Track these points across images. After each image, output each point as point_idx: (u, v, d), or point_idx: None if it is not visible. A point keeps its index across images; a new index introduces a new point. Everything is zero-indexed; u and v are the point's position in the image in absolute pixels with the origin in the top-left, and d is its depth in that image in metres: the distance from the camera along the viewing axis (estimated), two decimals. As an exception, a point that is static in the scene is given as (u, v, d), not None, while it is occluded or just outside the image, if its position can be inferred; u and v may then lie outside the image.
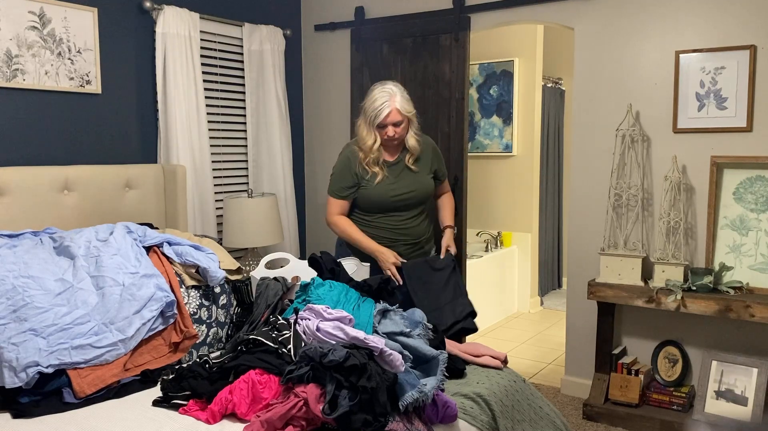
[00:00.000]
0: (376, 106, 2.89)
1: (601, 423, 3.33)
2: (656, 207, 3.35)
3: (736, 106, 3.10)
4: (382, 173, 3.01)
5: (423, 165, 3.11)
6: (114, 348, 2.19)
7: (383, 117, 2.88)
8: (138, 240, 2.55)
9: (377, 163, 3.01)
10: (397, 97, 2.90)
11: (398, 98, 2.90)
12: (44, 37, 2.99)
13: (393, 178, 3.04)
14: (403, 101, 2.93)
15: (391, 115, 2.88)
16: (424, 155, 3.10)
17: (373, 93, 2.94)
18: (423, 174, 3.11)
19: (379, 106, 2.88)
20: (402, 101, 2.92)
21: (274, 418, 1.77)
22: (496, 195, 5.63)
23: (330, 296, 2.32)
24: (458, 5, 3.76)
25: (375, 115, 2.89)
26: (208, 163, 3.69)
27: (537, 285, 5.80)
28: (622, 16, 3.35)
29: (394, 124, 2.91)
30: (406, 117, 2.94)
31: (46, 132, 3.06)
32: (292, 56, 4.37)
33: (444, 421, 1.96)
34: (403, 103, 2.92)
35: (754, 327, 3.17)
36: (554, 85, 5.98)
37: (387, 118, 2.88)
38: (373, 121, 2.91)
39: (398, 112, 2.89)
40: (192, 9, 3.59)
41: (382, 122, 2.89)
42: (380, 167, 3.01)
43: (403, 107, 2.91)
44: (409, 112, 2.96)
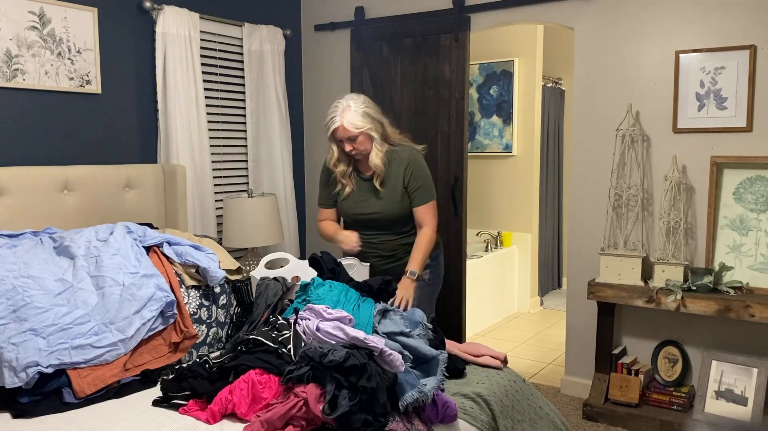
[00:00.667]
0: (327, 121, 2.75)
1: (601, 423, 3.33)
2: (656, 207, 3.35)
3: (736, 106, 3.10)
4: (349, 187, 2.86)
5: (392, 185, 2.81)
6: (114, 348, 2.19)
7: (331, 132, 2.74)
8: (138, 240, 2.55)
9: (345, 176, 2.86)
10: (347, 112, 2.69)
11: (349, 113, 2.69)
12: (44, 37, 2.99)
13: (362, 195, 2.86)
14: (355, 116, 2.69)
15: (338, 131, 2.71)
16: (393, 173, 2.80)
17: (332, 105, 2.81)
18: (390, 195, 2.81)
19: (329, 122, 2.74)
20: (353, 116, 2.68)
21: (274, 418, 1.77)
22: (496, 195, 5.63)
23: (330, 296, 2.32)
24: (458, 5, 3.76)
25: (327, 129, 2.76)
26: (208, 163, 3.69)
27: (537, 285, 5.80)
28: (622, 16, 3.35)
29: (349, 139, 2.72)
30: (358, 132, 2.70)
31: (46, 132, 3.06)
32: (292, 56, 4.37)
33: (444, 421, 1.96)
34: (351, 119, 2.68)
35: (754, 327, 3.17)
36: (554, 85, 5.98)
37: (335, 133, 2.73)
38: (329, 136, 2.79)
39: (344, 128, 2.68)
40: (192, 9, 3.59)
41: (336, 137, 2.75)
42: (349, 180, 2.86)
43: (351, 123, 2.67)
44: (360, 128, 2.69)
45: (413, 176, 2.80)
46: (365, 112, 2.73)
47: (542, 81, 5.57)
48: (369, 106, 2.77)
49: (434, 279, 2.95)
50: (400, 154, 2.82)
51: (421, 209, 2.82)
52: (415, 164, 2.81)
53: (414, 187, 2.80)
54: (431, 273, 2.92)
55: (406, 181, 2.80)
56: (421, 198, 2.81)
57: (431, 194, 2.84)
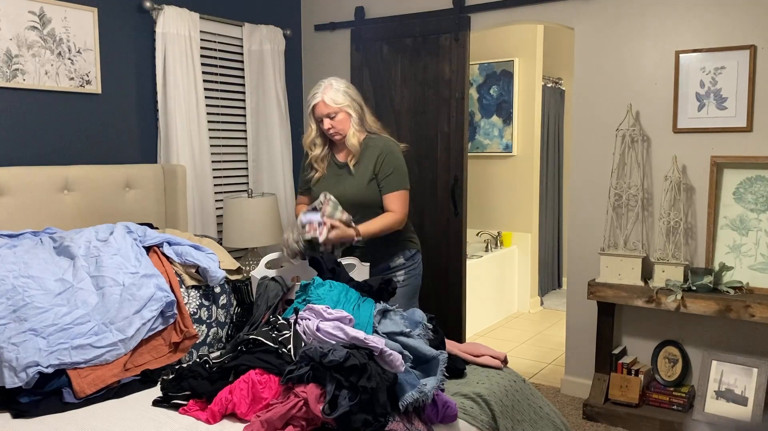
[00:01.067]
0: (308, 98, 2.82)
1: (601, 423, 3.33)
2: (656, 207, 3.35)
3: (736, 106, 3.10)
4: (320, 172, 2.86)
5: (363, 170, 2.80)
6: (114, 348, 2.19)
7: (311, 108, 2.79)
8: (138, 240, 2.55)
9: (319, 160, 2.86)
10: (329, 90, 2.74)
11: (330, 90, 2.74)
12: (44, 37, 2.99)
13: (332, 179, 2.84)
14: (336, 94, 2.73)
15: (318, 106, 2.75)
16: (366, 158, 2.79)
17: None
18: (359, 179, 2.79)
19: (310, 98, 2.79)
20: (333, 93, 2.73)
21: (274, 418, 1.77)
22: (496, 195, 5.63)
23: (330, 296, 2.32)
24: (458, 5, 3.76)
25: (308, 105, 2.82)
26: (208, 163, 3.69)
27: (537, 285, 5.80)
28: (622, 16, 3.35)
29: (328, 116, 2.75)
30: (338, 109, 2.74)
31: (46, 132, 3.06)
32: (292, 56, 4.37)
33: (444, 421, 1.96)
34: (333, 95, 2.73)
35: (754, 327, 3.17)
36: (554, 85, 5.98)
37: (315, 109, 2.77)
38: (309, 113, 2.83)
39: (324, 104, 2.73)
40: (192, 9, 3.59)
41: (315, 114, 2.79)
42: (321, 165, 2.86)
43: (332, 99, 2.73)
44: (340, 104, 2.73)
45: (385, 163, 2.78)
46: (346, 91, 2.78)
47: (542, 81, 5.57)
48: (350, 89, 2.82)
49: (409, 280, 2.88)
50: (376, 141, 2.82)
51: (389, 196, 2.78)
52: (389, 152, 2.80)
53: (384, 173, 2.78)
54: (406, 274, 2.87)
55: (377, 168, 2.78)
56: (391, 185, 2.78)
57: (402, 184, 2.80)
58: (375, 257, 2.83)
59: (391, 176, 2.78)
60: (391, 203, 2.79)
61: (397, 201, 2.78)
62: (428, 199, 3.96)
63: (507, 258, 5.51)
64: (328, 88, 2.76)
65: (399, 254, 2.88)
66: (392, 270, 2.86)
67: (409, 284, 2.89)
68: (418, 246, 2.98)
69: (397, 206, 2.78)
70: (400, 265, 2.87)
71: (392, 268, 2.87)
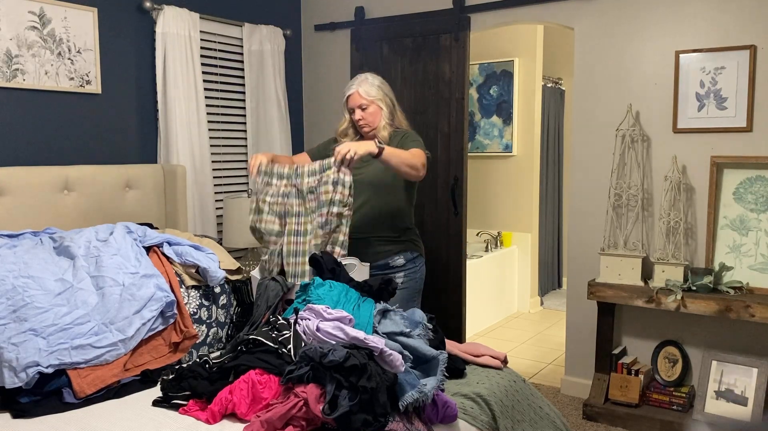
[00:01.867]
0: (345, 89, 2.94)
1: (601, 423, 3.33)
2: (656, 207, 3.35)
3: (736, 106, 3.10)
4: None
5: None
6: (114, 348, 2.19)
7: (346, 98, 2.91)
8: (138, 241, 2.55)
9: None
10: (364, 83, 2.88)
11: (366, 84, 2.88)
12: (44, 37, 2.99)
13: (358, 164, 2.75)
14: (370, 87, 2.87)
15: (352, 97, 2.88)
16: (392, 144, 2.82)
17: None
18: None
19: (346, 89, 2.92)
20: (368, 87, 2.87)
21: (274, 418, 1.77)
22: (496, 195, 5.63)
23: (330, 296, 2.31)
24: (458, 5, 3.76)
25: (344, 96, 2.93)
26: (208, 163, 3.69)
27: (537, 285, 5.80)
28: (622, 16, 3.35)
29: (360, 107, 2.86)
30: (370, 101, 2.85)
31: (46, 132, 3.06)
32: (292, 56, 4.37)
33: (444, 421, 1.96)
34: (367, 88, 2.86)
35: (754, 327, 3.17)
36: (554, 85, 5.98)
37: (349, 99, 2.89)
38: (344, 104, 2.95)
39: (359, 95, 2.85)
40: (192, 9, 3.59)
41: (349, 105, 2.91)
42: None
43: (366, 92, 2.85)
44: (373, 97, 2.85)
45: (403, 138, 2.86)
46: (380, 86, 2.91)
47: (542, 81, 5.57)
48: (384, 85, 2.94)
49: (408, 283, 2.89)
50: (402, 131, 2.94)
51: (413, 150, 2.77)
52: (410, 133, 2.93)
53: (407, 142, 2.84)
54: (405, 276, 2.87)
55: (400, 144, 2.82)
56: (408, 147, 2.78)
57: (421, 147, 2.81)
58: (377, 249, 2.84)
59: (410, 143, 2.83)
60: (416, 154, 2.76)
61: (421, 157, 2.76)
62: (428, 199, 3.96)
63: (507, 258, 5.51)
64: (364, 81, 2.89)
65: (400, 253, 2.88)
66: (392, 270, 2.86)
67: (407, 287, 2.88)
68: (421, 250, 2.99)
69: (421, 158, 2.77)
70: (400, 266, 2.88)
71: (392, 267, 2.87)
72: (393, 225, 2.88)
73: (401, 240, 2.90)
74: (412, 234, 2.97)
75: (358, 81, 2.91)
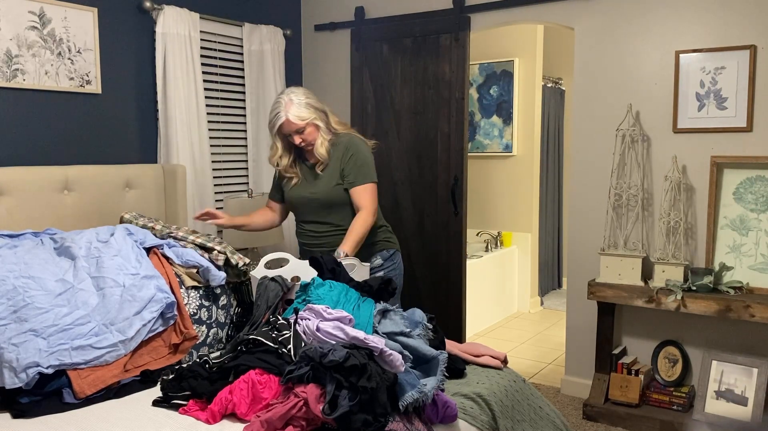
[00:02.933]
0: (270, 117, 2.81)
1: (601, 423, 3.33)
2: (656, 207, 3.35)
3: (736, 106, 3.10)
4: (296, 178, 2.88)
5: (331, 169, 2.83)
6: (114, 349, 2.19)
7: (277, 129, 2.79)
8: (138, 242, 2.55)
9: (290, 168, 2.89)
10: (291, 106, 2.74)
11: (292, 107, 2.73)
12: (44, 37, 2.99)
13: (305, 180, 2.87)
14: (299, 108, 2.74)
15: (285, 125, 2.75)
16: (333, 158, 2.83)
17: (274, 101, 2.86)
18: (327, 178, 2.83)
19: (273, 118, 2.79)
20: (297, 109, 2.73)
21: (274, 418, 1.77)
22: (496, 195, 5.63)
23: (330, 296, 2.31)
24: (458, 5, 3.76)
25: (272, 125, 2.81)
26: (208, 163, 3.69)
27: (537, 285, 5.80)
28: (622, 16, 3.35)
29: (297, 132, 2.77)
30: (305, 124, 2.75)
31: (46, 132, 3.06)
32: (292, 56, 4.37)
33: (444, 421, 1.96)
34: (297, 111, 2.73)
35: (754, 327, 3.17)
36: (554, 85, 5.98)
37: (282, 128, 2.77)
38: (274, 133, 2.83)
39: (290, 122, 2.74)
40: (192, 9, 3.59)
41: (283, 132, 2.79)
42: (295, 171, 2.89)
43: (297, 116, 2.73)
44: (306, 119, 2.74)
45: (350, 159, 2.80)
46: (307, 103, 2.78)
47: (542, 81, 5.57)
48: (310, 97, 2.82)
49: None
50: (341, 139, 2.85)
51: (357, 190, 2.79)
52: (354, 148, 2.82)
53: (349, 169, 2.79)
54: (386, 274, 2.87)
55: (342, 164, 2.80)
56: (357, 178, 2.79)
57: (369, 177, 2.81)
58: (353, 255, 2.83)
59: (356, 171, 2.79)
60: (359, 198, 2.79)
61: (365, 194, 2.79)
62: (428, 199, 3.96)
63: (507, 258, 5.51)
64: (290, 104, 2.75)
65: (376, 255, 2.90)
66: (372, 271, 2.85)
67: None
68: (396, 246, 2.99)
69: (365, 200, 2.78)
70: (379, 266, 2.89)
71: (371, 269, 2.86)
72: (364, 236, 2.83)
73: (374, 242, 2.90)
74: (384, 233, 2.96)
75: (284, 105, 2.75)
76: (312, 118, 2.77)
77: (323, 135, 2.81)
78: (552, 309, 5.73)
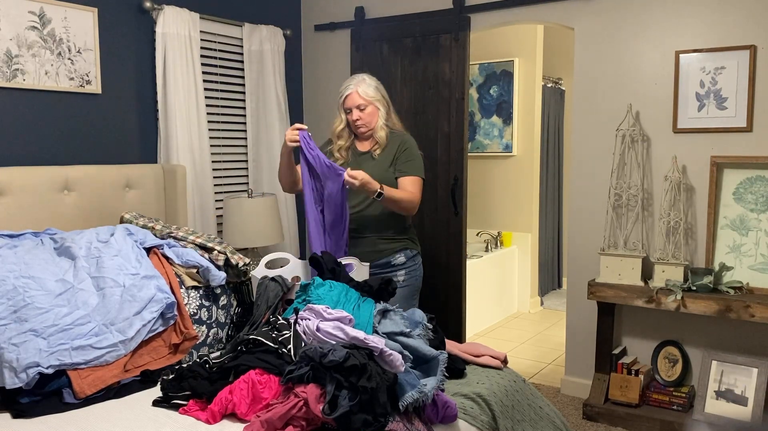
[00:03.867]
0: (341, 90, 2.95)
1: (601, 423, 3.33)
2: (656, 207, 3.35)
3: (736, 106, 3.10)
4: (344, 159, 2.96)
5: (385, 156, 2.93)
6: (114, 349, 2.19)
7: (343, 99, 2.91)
8: (138, 242, 2.55)
9: (342, 150, 2.98)
10: (362, 83, 2.90)
11: (363, 84, 2.90)
12: (44, 37, 2.99)
13: (354, 165, 2.92)
14: (368, 87, 2.89)
15: (350, 96, 2.88)
16: (388, 148, 2.94)
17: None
18: (382, 164, 2.91)
19: (343, 89, 2.93)
20: (366, 87, 2.89)
21: (274, 418, 1.77)
22: (496, 195, 5.63)
23: (330, 296, 2.32)
24: (458, 5, 3.76)
25: (340, 96, 2.94)
26: (208, 163, 3.69)
27: (537, 285, 5.80)
28: (622, 16, 3.35)
29: (358, 108, 2.89)
30: (368, 102, 2.88)
31: (46, 132, 3.06)
32: (292, 56, 4.37)
33: (444, 421, 1.96)
34: (365, 89, 2.88)
35: (754, 327, 3.17)
36: (554, 85, 5.98)
37: (347, 99, 2.90)
38: (340, 104, 2.95)
39: (358, 95, 2.87)
40: (192, 9, 3.59)
41: (346, 105, 2.91)
42: (344, 155, 2.97)
43: (365, 92, 2.88)
44: (372, 97, 2.89)
45: (405, 152, 2.91)
46: (377, 87, 2.94)
47: (542, 81, 5.57)
48: (380, 86, 2.97)
49: (409, 281, 2.94)
50: (398, 135, 2.97)
51: (406, 179, 2.88)
52: (410, 144, 2.94)
53: (403, 160, 2.90)
54: (407, 274, 2.92)
55: (397, 154, 2.90)
56: (407, 169, 2.89)
57: (419, 171, 2.91)
58: (379, 248, 2.89)
59: (408, 163, 2.90)
60: (408, 185, 2.87)
61: (414, 185, 2.88)
62: (428, 198, 3.96)
63: (507, 258, 5.51)
64: (362, 81, 2.91)
65: (401, 251, 2.93)
66: (394, 269, 2.90)
67: (409, 285, 2.93)
68: (418, 248, 3.05)
69: (415, 189, 2.88)
70: (401, 264, 2.92)
71: (394, 266, 2.91)
72: (395, 224, 2.93)
73: (402, 239, 2.96)
74: (411, 234, 3.03)
75: (356, 81, 2.91)
76: (376, 99, 2.91)
77: (383, 120, 2.92)
78: (552, 309, 5.73)
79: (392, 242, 2.93)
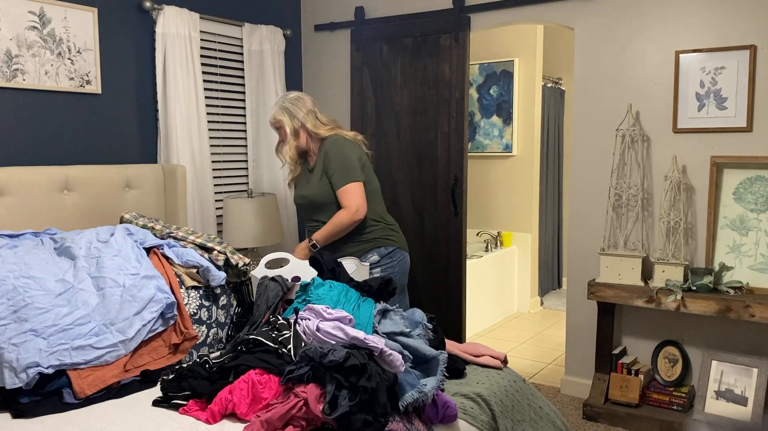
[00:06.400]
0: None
1: (601, 423, 3.33)
2: (656, 207, 3.35)
3: (736, 106, 3.10)
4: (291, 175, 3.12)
5: (317, 168, 2.98)
6: (114, 349, 2.19)
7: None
8: (138, 242, 2.55)
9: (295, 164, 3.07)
10: (274, 107, 3.02)
11: (275, 108, 3.01)
12: (44, 37, 2.99)
13: (301, 180, 3.09)
14: (276, 110, 3.00)
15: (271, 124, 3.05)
16: (318, 158, 2.99)
17: None
18: (315, 177, 2.97)
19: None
20: (275, 110, 3.00)
21: (274, 418, 1.77)
22: (496, 195, 5.63)
23: (330, 296, 2.32)
24: (458, 5, 3.76)
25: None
26: (208, 163, 3.69)
27: (537, 285, 5.80)
28: (622, 16, 3.35)
29: (276, 130, 3.04)
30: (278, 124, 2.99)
31: (46, 132, 3.06)
32: (292, 56, 4.37)
33: (444, 421, 1.96)
34: (274, 113, 3.00)
35: (754, 327, 3.17)
36: (554, 85, 5.98)
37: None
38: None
39: (271, 119, 3.03)
40: (192, 9, 3.59)
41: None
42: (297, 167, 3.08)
43: (272, 116, 3.01)
44: (278, 120, 2.99)
45: (330, 162, 2.92)
46: (284, 107, 3.00)
47: (542, 81, 5.57)
48: (294, 102, 3.00)
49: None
50: (326, 141, 2.99)
51: (339, 193, 2.92)
52: (331, 150, 2.93)
53: (330, 172, 2.92)
54: (382, 271, 2.95)
55: (325, 167, 2.94)
56: (335, 181, 2.91)
57: (348, 177, 2.89)
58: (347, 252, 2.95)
59: (335, 174, 2.91)
60: (341, 198, 2.91)
61: (344, 195, 2.89)
62: (428, 198, 3.96)
63: (507, 258, 5.51)
64: (275, 105, 3.03)
65: (373, 250, 2.95)
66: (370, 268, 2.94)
67: None
68: (398, 243, 3.03)
69: (347, 201, 2.89)
70: (375, 263, 2.95)
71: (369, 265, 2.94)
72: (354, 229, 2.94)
73: (371, 238, 2.97)
74: (383, 230, 3.01)
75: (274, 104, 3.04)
76: (283, 121, 2.97)
77: (290, 141, 2.97)
78: (552, 309, 5.73)
79: (361, 243, 2.96)
